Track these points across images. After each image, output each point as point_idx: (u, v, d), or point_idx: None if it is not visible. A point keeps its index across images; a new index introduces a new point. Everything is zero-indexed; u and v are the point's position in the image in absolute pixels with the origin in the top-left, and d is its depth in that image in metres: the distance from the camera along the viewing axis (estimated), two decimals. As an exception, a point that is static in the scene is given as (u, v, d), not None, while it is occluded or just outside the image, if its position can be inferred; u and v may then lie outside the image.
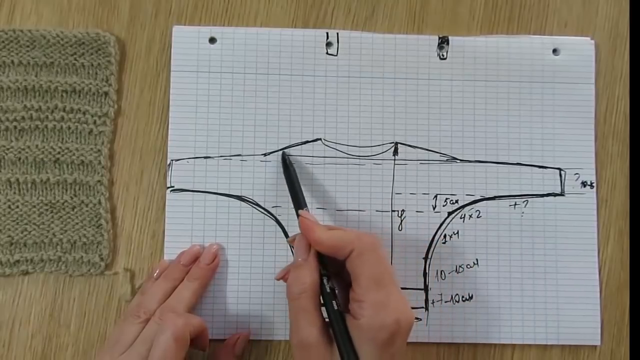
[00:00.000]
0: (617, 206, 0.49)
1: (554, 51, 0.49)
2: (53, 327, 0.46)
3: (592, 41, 0.50)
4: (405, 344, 0.37)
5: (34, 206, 0.46)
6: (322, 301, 0.39)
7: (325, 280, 0.39)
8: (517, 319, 0.47)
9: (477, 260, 0.47)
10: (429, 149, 0.48)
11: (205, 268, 0.45)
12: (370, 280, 0.37)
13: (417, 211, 0.48)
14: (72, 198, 0.46)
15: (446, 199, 0.48)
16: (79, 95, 0.47)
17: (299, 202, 0.43)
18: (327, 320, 0.39)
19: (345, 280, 0.40)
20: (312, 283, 0.39)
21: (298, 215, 0.42)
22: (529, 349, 0.47)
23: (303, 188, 0.47)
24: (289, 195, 0.47)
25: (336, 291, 0.39)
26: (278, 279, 0.42)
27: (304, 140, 0.48)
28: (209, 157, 0.47)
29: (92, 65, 0.47)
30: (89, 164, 0.47)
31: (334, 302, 0.38)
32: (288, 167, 0.45)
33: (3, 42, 0.47)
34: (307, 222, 0.40)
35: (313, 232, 0.39)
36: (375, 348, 0.36)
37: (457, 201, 0.48)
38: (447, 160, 0.48)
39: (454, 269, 0.47)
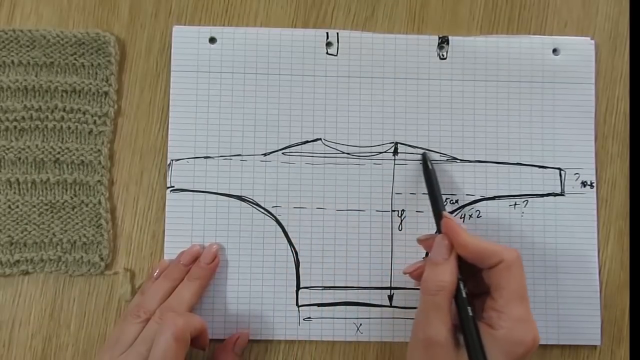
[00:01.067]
0: (617, 206, 0.49)
1: (554, 51, 0.49)
2: (53, 327, 0.46)
3: (592, 41, 0.50)
4: None
5: (34, 206, 0.46)
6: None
7: (462, 285, 0.39)
8: (517, 319, 0.47)
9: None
10: (429, 149, 0.48)
11: (205, 268, 0.45)
12: (514, 293, 0.38)
13: (417, 211, 0.48)
14: (72, 198, 0.46)
15: (446, 198, 0.48)
16: (79, 95, 0.47)
17: (438, 203, 0.43)
18: (456, 324, 0.39)
19: (477, 288, 0.40)
20: (451, 282, 0.38)
21: (439, 216, 0.42)
22: (529, 349, 0.47)
23: (303, 188, 0.47)
24: (289, 195, 0.47)
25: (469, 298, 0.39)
26: (406, 273, 0.42)
27: (304, 140, 0.48)
28: (209, 157, 0.47)
29: (92, 65, 0.47)
30: (89, 164, 0.47)
31: (469, 308, 0.38)
32: (429, 168, 0.45)
33: (3, 42, 0.47)
34: (453, 224, 0.40)
35: (459, 235, 0.39)
36: None
37: (457, 201, 0.48)
38: (447, 160, 0.48)
39: (454, 269, 0.47)
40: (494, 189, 0.48)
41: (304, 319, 0.46)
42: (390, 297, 0.47)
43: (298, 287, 0.47)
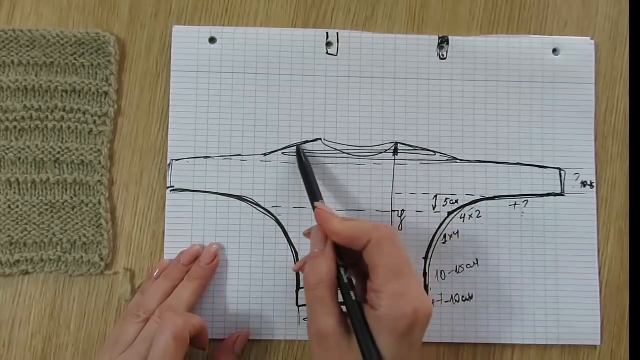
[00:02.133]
0: (617, 206, 0.49)
1: (554, 51, 0.49)
2: (53, 327, 0.46)
3: (592, 41, 0.50)
4: (423, 334, 0.37)
5: (34, 206, 0.46)
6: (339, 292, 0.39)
7: (342, 271, 0.39)
8: (517, 318, 0.47)
9: (477, 260, 0.47)
10: (429, 149, 0.48)
11: (205, 268, 0.45)
12: (389, 270, 0.37)
13: (417, 211, 0.48)
14: (72, 198, 0.46)
15: (446, 199, 0.48)
16: (79, 95, 0.47)
17: (314, 195, 0.43)
18: (344, 311, 0.39)
19: (363, 271, 0.40)
20: (329, 273, 0.39)
21: (314, 208, 0.42)
22: (529, 349, 0.47)
23: (303, 188, 0.47)
24: (289, 195, 0.47)
25: (354, 282, 0.39)
26: (296, 270, 0.43)
27: (304, 140, 0.48)
28: (209, 157, 0.47)
29: (92, 65, 0.47)
30: (89, 164, 0.47)
31: (351, 292, 0.38)
32: (303, 161, 0.45)
33: (3, 42, 0.47)
34: (323, 214, 0.40)
35: (330, 223, 0.39)
36: (394, 338, 0.36)
37: (457, 201, 0.48)
38: (447, 160, 0.48)
39: (454, 269, 0.47)
40: (494, 189, 0.48)
41: (304, 319, 0.46)
42: (390, 297, 0.47)
43: (298, 287, 0.47)
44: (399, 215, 0.47)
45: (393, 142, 0.48)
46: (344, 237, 0.39)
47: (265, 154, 0.48)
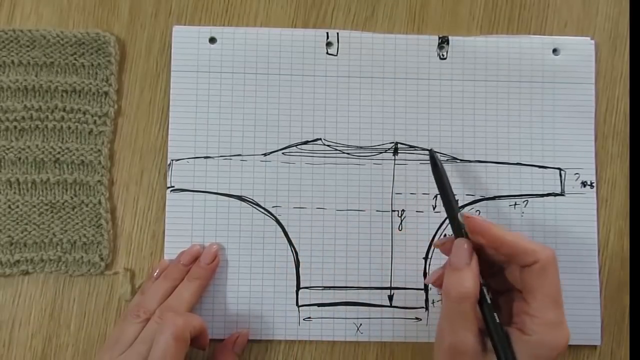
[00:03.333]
0: (617, 206, 0.49)
1: (554, 51, 0.49)
2: (53, 327, 0.46)
3: (592, 41, 0.50)
4: None
5: (34, 206, 0.46)
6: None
7: (485, 290, 0.37)
8: (517, 319, 0.47)
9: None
10: (429, 149, 0.48)
11: (205, 268, 0.45)
12: (549, 297, 0.36)
13: (417, 211, 0.48)
14: (72, 198, 0.46)
15: (446, 199, 0.48)
16: (79, 95, 0.47)
17: (453, 205, 0.41)
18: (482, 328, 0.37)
19: (497, 283, 0.39)
20: (474, 289, 0.37)
21: (451, 215, 0.40)
22: (529, 349, 0.47)
23: (303, 188, 0.47)
24: (289, 195, 0.47)
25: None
26: (429, 283, 0.41)
27: (304, 140, 0.48)
28: (209, 157, 0.47)
29: (92, 65, 0.47)
30: (89, 164, 0.47)
31: (495, 314, 0.37)
32: (437, 167, 0.42)
33: (3, 42, 0.47)
34: (480, 222, 0.38)
35: (493, 231, 0.37)
36: None
37: (457, 201, 0.48)
38: (447, 160, 0.48)
39: (454, 269, 0.47)
40: (494, 189, 0.48)
41: (304, 319, 0.46)
42: (390, 297, 0.47)
43: (298, 287, 0.47)
44: (399, 215, 0.47)
45: (393, 142, 0.48)
46: (509, 247, 0.37)
47: (265, 154, 0.48)
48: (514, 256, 0.37)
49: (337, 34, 0.49)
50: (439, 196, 0.48)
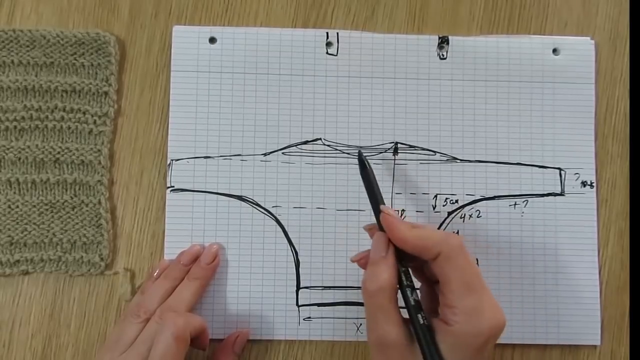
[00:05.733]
0: (617, 206, 0.49)
1: (554, 51, 0.49)
2: (53, 327, 0.46)
3: (592, 41, 0.50)
4: (494, 345, 0.36)
5: (34, 206, 0.46)
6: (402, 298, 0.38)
7: (409, 292, 0.37)
8: (517, 318, 0.47)
9: (477, 260, 0.47)
10: (429, 148, 0.48)
11: (205, 268, 0.45)
12: (461, 284, 0.36)
13: (417, 211, 0.48)
14: (72, 198, 0.46)
15: (446, 199, 0.48)
16: (79, 95, 0.47)
17: (377, 199, 0.41)
18: (406, 317, 0.37)
19: (426, 275, 0.39)
20: (389, 280, 0.37)
21: (377, 213, 0.40)
22: (528, 349, 0.47)
23: (303, 188, 0.47)
24: (289, 195, 0.47)
25: (419, 295, 0.38)
26: (353, 261, 0.41)
27: (304, 140, 0.48)
28: (209, 157, 0.47)
29: (92, 65, 0.47)
30: (89, 164, 0.47)
31: (419, 315, 0.37)
32: (365, 167, 0.42)
33: (3, 42, 0.47)
34: (390, 219, 0.38)
35: (397, 230, 0.38)
36: (468, 354, 0.35)
37: (457, 201, 0.48)
38: (447, 160, 0.48)
39: (454, 269, 0.47)
40: (494, 189, 0.48)
41: (304, 319, 0.46)
42: (390, 297, 0.47)
43: (298, 287, 0.47)
44: (399, 215, 0.47)
45: (393, 142, 0.48)
46: (412, 246, 0.37)
47: (265, 154, 0.48)
48: (420, 253, 0.37)
49: (337, 34, 0.49)
50: (438, 196, 0.48)
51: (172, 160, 0.47)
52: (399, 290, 0.38)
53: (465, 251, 0.36)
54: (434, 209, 0.48)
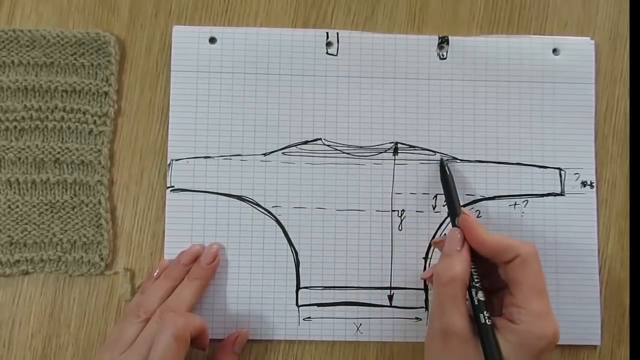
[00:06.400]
0: (617, 206, 0.49)
1: (554, 51, 0.49)
2: (53, 327, 0.46)
3: (592, 41, 0.50)
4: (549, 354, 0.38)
5: (34, 206, 0.46)
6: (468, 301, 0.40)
7: (474, 292, 0.39)
8: (517, 319, 0.47)
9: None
10: (429, 148, 0.48)
11: (205, 268, 0.45)
12: (533, 288, 0.38)
13: (417, 211, 0.48)
14: (72, 198, 0.46)
15: (446, 199, 0.48)
16: (79, 95, 0.47)
17: (454, 203, 0.44)
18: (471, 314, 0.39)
19: (489, 283, 0.41)
20: (463, 272, 0.39)
21: (454, 215, 0.43)
22: (529, 349, 0.47)
23: (303, 188, 0.47)
24: (289, 195, 0.47)
25: (484, 296, 0.39)
26: (423, 278, 0.44)
27: (304, 140, 0.48)
28: (209, 157, 0.47)
29: (92, 65, 0.47)
30: (89, 164, 0.47)
31: (484, 313, 0.38)
32: (446, 173, 0.46)
33: (3, 42, 0.47)
34: (471, 222, 0.41)
35: (477, 232, 0.40)
36: (528, 356, 0.37)
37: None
38: (447, 160, 0.48)
39: (454, 269, 0.47)
40: (494, 189, 0.48)
41: (304, 319, 0.46)
42: (390, 297, 0.47)
43: (298, 287, 0.47)
44: (399, 215, 0.47)
45: (393, 142, 0.48)
46: (490, 248, 0.39)
47: (265, 154, 0.48)
48: (496, 255, 0.39)
49: (337, 34, 0.49)
50: (438, 196, 0.48)
51: (172, 160, 0.47)
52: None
53: (539, 259, 0.39)
54: (434, 209, 0.48)
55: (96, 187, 0.47)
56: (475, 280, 0.40)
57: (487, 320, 0.38)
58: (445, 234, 0.47)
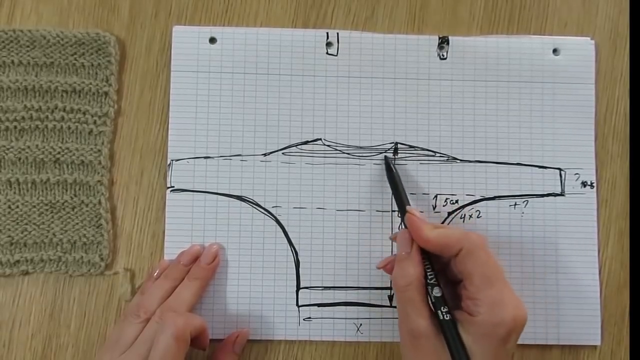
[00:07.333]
0: (617, 206, 0.49)
1: (554, 51, 0.49)
2: (53, 327, 0.46)
3: (592, 41, 0.50)
4: (517, 340, 0.38)
5: (34, 206, 0.46)
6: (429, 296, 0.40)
7: (429, 288, 0.40)
8: (517, 319, 0.47)
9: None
10: (429, 149, 0.48)
11: (205, 268, 0.45)
12: (483, 277, 0.38)
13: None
14: (72, 198, 0.46)
15: (446, 199, 0.48)
16: (79, 95, 0.47)
17: (402, 201, 0.44)
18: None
19: (449, 276, 0.41)
20: (417, 275, 0.40)
21: (403, 214, 0.43)
22: (529, 349, 0.47)
23: (303, 188, 0.47)
24: (289, 195, 0.47)
25: (442, 291, 0.40)
26: (379, 268, 0.44)
27: (304, 140, 0.48)
28: (209, 157, 0.47)
29: (92, 65, 0.47)
30: (89, 164, 0.47)
31: (442, 309, 0.39)
32: (391, 170, 0.46)
33: (3, 42, 0.47)
34: (414, 220, 0.41)
35: (420, 231, 0.40)
36: (491, 345, 0.37)
37: (457, 201, 0.48)
38: (447, 160, 0.48)
39: (454, 269, 0.47)
40: (494, 189, 0.48)
41: (304, 319, 0.46)
42: (390, 297, 0.47)
43: (298, 287, 0.47)
44: (399, 215, 0.47)
45: (393, 142, 0.48)
46: (434, 245, 0.40)
47: (265, 154, 0.48)
48: (442, 251, 0.40)
49: (337, 34, 0.49)
50: (439, 196, 0.48)
51: (172, 160, 0.47)
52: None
53: (486, 247, 0.39)
54: (434, 209, 0.48)
55: (96, 187, 0.47)
56: (430, 277, 0.40)
57: (445, 316, 0.39)
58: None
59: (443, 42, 0.49)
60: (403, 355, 0.40)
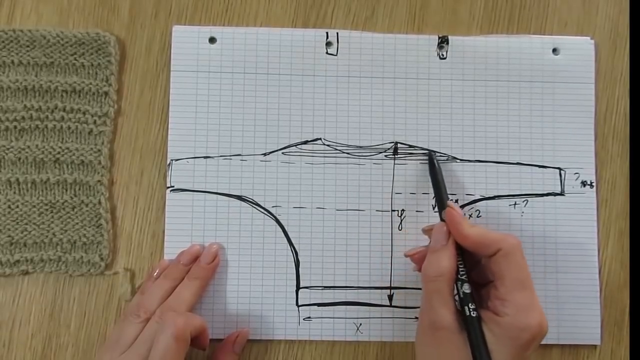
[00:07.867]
0: (617, 206, 0.49)
1: (554, 51, 0.49)
2: (53, 327, 0.46)
3: (592, 41, 0.50)
4: (536, 349, 0.38)
5: (34, 206, 0.46)
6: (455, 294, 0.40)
7: (460, 284, 0.40)
8: (517, 318, 0.47)
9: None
10: (429, 149, 0.48)
11: (205, 268, 0.45)
12: (516, 281, 0.38)
13: (417, 211, 0.48)
14: (72, 198, 0.46)
15: (446, 198, 0.48)
16: (79, 95, 0.47)
17: (442, 197, 0.44)
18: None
19: (474, 277, 0.41)
20: (450, 267, 0.39)
21: (442, 208, 0.43)
22: (529, 349, 0.47)
23: (303, 188, 0.47)
24: (289, 195, 0.47)
25: (472, 289, 0.40)
26: (406, 256, 0.44)
27: (304, 140, 0.48)
28: (209, 157, 0.47)
29: (92, 65, 0.47)
30: (89, 164, 0.47)
31: (469, 305, 0.39)
32: (434, 166, 0.46)
33: (3, 42, 0.47)
34: (454, 215, 0.41)
35: (460, 226, 0.40)
36: (513, 348, 0.37)
37: (457, 201, 0.48)
38: (447, 160, 0.48)
39: (454, 268, 0.47)
40: (494, 188, 0.48)
41: (304, 319, 0.46)
42: (390, 297, 0.47)
43: (298, 287, 0.47)
44: (399, 215, 0.47)
45: (393, 142, 0.48)
46: (473, 242, 0.40)
47: (265, 154, 0.48)
48: (479, 249, 0.40)
49: (337, 34, 0.49)
50: (439, 196, 0.48)
51: (172, 160, 0.47)
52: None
53: (522, 251, 0.39)
54: (434, 209, 0.48)
55: (96, 187, 0.47)
56: (461, 273, 0.40)
57: (472, 313, 0.39)
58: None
59: (443, 41, 0.49)
60: (418, 347, 0.40)
